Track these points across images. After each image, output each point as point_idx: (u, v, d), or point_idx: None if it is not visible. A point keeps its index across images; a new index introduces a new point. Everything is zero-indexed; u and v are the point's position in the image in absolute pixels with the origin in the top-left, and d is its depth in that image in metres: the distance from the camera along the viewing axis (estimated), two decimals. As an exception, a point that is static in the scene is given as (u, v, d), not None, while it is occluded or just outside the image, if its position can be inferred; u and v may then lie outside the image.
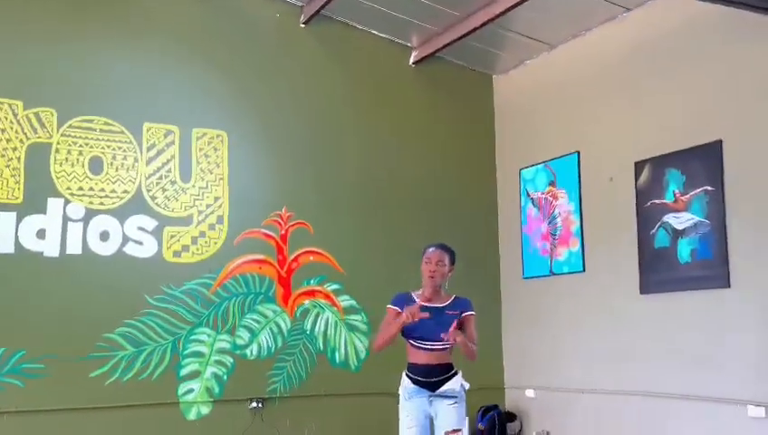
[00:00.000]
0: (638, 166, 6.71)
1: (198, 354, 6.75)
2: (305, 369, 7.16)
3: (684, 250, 6.26)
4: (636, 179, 6.72)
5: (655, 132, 6.61)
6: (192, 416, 6.67)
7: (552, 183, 7.67)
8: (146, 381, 6.50)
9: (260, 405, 6.88)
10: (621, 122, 6.96)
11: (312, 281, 7.32)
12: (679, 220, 6.34)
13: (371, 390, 7.31)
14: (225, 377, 6.82)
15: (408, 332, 3.90)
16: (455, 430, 3.83)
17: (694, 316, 6.14)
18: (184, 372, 6.68)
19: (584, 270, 7.23)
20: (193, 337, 6.75)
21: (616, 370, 6.78)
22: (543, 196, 7.76)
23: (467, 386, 3.97)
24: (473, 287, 7.94)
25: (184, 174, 6.95)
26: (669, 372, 6.28)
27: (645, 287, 6.59)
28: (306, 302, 7.27)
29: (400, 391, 3.97)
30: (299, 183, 7.42)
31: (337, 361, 7.33)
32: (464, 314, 3.95)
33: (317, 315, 7.30)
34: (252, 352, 6.97)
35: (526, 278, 7.89)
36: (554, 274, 7.54)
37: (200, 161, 7.03)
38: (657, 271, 6.48)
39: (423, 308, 3.89)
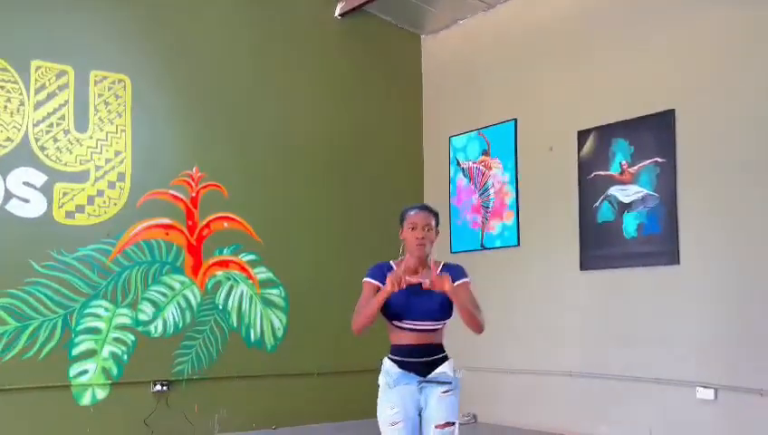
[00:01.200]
0: (582, 135, 6.36)
1: (94, 331, 5.90)
2: (216, 348, 6.43)
3: (630, 224, 5.96)
4: (579, 149, 6.38)
5: (601, 100, 6.26)
6: (86, 401, 5.83)
7: (485, 152, 7.22)
8: (31, 361, 5.62)
9: (165, 388, 6.12)
10: (564, 89, 6.58)
11: (225, 250, 6.57)
12: (626, 193, 6.03)
13: (289, 371, 6.73)
14: (126, 357, 6.01)
15: (389, 311, 3.23)
16: (447, 423, 3.19)
17: (640, 294, 5.85)
18: (77, 350, 5.82)
19: (519, 244, 6.84)
20: (88, 311, 5.89)
21: (552, 350, 6.43)
22: (475, 165, 7.31)
23: (461, 374, 3.35)
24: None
25: (79, 123, 6.02)
26: (612, 353, 5.97)
27: (586, 263, 6.26)
28: (218, 273, 6.52)
29: (381, 379, 3.27)
30: (212, 140, 6.63)
31: (252, 339, 6.63)
32: (457, 284, 3.30)
33: (230, 289, 6.56)
34: (156, 328, 6.17)
35: (454, 253, 7.41)
36: (486, 248, 7.12)
37: (99, 109, 6.11)
38: (600, 246, 6.16)
39: (411, 283, 3.23)
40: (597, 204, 6.19)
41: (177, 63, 6.52)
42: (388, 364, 3.28)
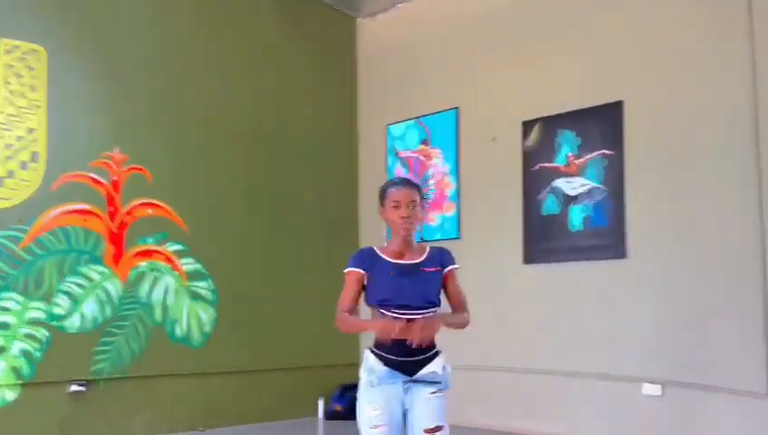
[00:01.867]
0: (527, 126, 6.22)
1: (3, 326, 5.31)
2: (139, 345, 5.94)
3: (576, 217, 5.85)
4: (523, 140, 6.23)
5: (547, 90, 6.13)
6: (-8, 404, 5.26)
7: (425, 141, 6.99)
8: (-71, 361, 5.02)
9: (82, 389, 5.58)
10: (509, 77, 6.41)
11: (149, 239, 6.09)
12: (572, 185, 5.92)
13: (218, 369, 6.32)
14: (38, 354, 5.44)
15: (374, 297, 2.94)
16: (437, 428, 2.90)
17: (585, 289, 5.75)
18: (-18, 348, 5.25)
19: (460, 237, 6.64)
20: (-5, 304, 5.31)
21: (493, 345, 6.25)
22: (415, 155, 7.07)
23: (450, 370, 3.06)
24: (329, 253, 7.17)
25: (-12, 96, 5.44)
26: (556, 349, 5.85)
27: (530, 256, 6.12)
28: (142, 264, 6.03)
29: (363, 375, 2.94)
30: (136, 120, 6.13)
31: (178, 335, 6.17)
32: (446, 271, 3.03)
33: (155, 281, 6.08)
34: (73, 323, 5.64)
35: (391, 244, 7.16)
36: (425, 240, 6.83)
37: (10, 82, 5.52)
38: (545, 239, 6.03)
39: (395, 266, 2.94)
40: (541, 196, 6.06)
41: (99, 36, 5.98)
42: (371, 359, 2.96)
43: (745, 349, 4.78)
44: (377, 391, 2.91)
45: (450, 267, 3.06)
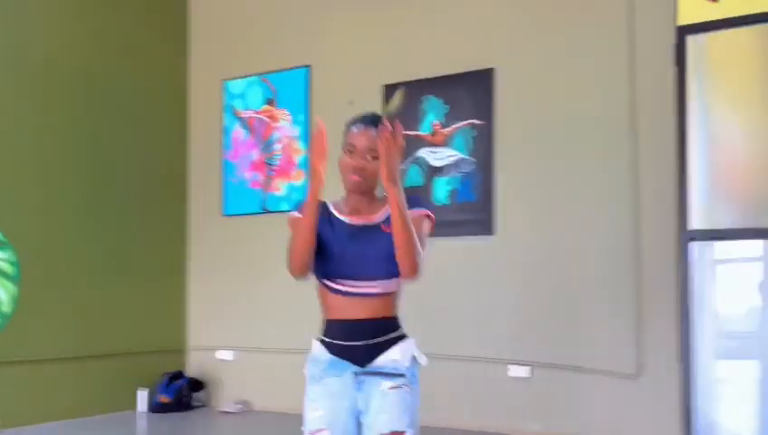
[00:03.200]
0: (389, 90, 5.73)
1: None
2: None
3: (441, 191, 5.50)
4: (384, 105, 5.74)
5: (412, 52, 5.71)
6: None
7: (270, 101, 6.29)
8: None
9: None
10: (369, 35, 5.91)
11: (-68, 197, 4.89)
12: (437, 156, 5.57)
13: (19, 357, 5.27)
14: None
15: (322, 260, 2.25)
16: (394, 433, 2.21)
17: (450, 267, 5.39)
18: None
19: (308, 208, 6.03)
20: None
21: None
22: (257, 115, 6.34)
23: (424, 361, 2.44)
24: (154, 220, 6.28)
25: None
26: (419, 329, 5.36)
27: (387, 231, 5.67)
28: None
29: (306, 368, 2.28)
30: None
31: (-31, 317, 5.03)
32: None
33: (-61, 249, 4.90)
34: None
35: (227, 215, 6.41)
36: (269, 211, 6.22)
37: None
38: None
39: (350, 227, 2.28)
40: (403, 167, 5.63)
41: None
42: (316, 348, 2.31)
43: (616, 330, 4.68)
44: (320, 386, 2.26)
45: (414, 211, 2.26)
